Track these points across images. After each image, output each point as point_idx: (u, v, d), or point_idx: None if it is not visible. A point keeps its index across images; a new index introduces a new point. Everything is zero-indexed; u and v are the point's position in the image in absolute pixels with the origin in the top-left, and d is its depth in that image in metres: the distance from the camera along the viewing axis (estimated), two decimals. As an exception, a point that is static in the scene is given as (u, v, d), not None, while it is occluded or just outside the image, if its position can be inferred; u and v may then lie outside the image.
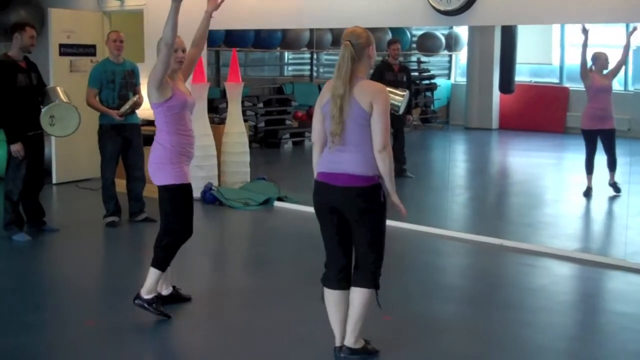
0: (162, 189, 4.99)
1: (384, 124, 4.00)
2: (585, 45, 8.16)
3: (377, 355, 4.37)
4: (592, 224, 8.36)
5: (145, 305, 4.95)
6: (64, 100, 6.90)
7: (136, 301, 4.98)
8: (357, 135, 4.04)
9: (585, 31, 7.97)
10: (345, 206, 4.11)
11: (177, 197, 4.98)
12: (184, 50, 5.01)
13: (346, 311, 4.25)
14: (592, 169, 8.43)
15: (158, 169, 4.95)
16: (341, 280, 4.24)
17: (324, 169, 4.16)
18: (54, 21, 9.55)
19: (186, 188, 5.00)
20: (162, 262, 4.98)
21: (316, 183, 4.22)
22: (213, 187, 8.63)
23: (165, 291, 5.26)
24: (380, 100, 4.01)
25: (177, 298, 5.30)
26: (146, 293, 4.96)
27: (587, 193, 8.52)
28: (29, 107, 6.81)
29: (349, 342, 4.25)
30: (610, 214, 8.77)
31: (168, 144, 4.91)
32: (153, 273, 4.97)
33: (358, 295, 4.19)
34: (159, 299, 5.01)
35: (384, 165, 4.03)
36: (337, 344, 4.30)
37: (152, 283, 4.98)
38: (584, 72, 8.33)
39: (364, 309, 4.20)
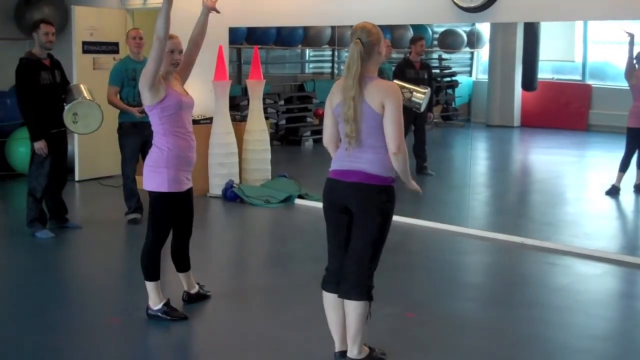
0: (154, 195, 4.81)
1: (397, 124, 3.87)
2: (632, 44, 8.17)
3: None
4: (614, 223, 8.29)
5: (159, 315, 4.93)
6: (87, 98, 6.95)
7: (149, 312, 4.96)
8: (372, 137, 3.94)
9: (631, 35, 8.00)
10: (354, 203, 3.99)
11: (169, 204, 4.83)
12: (180, 52, 4.84)
13: (344, 315, 4.13)
14: (627, 168, 8.36)
15: (152, 173, 4.77)
16: (340, 283, 4.10)
17: (338, 167, 4.07)
18: (77, 19, 9.61)
19: (179, 197, 4.85)
20: (149, 273, 4.91)
21: (328, 180, 4.11)
22: (234, 185, 8.65)
23: (194, 290, 5.26)
24: (391, 100, 3.87)
25: (203, 296, 5.32)
26: (153, 305, 4.95)
27: (611, 191, 8.45)
28: (52, 104, 6.86)
29: (353, 353, 4.12)
30: (633, 212, 8.71)
31: (165, 146, 4.74)
32: (148, 285, 4.93)
33: (352, 309, 4.04)
34: (169, 305, 4.96)
35: (399, 165, 3.94)
36: (337, 348, 4.20)
37: (153, 294, 4.94)
38: (629, 72, 8.33)
39: (362, 320, 4.05)
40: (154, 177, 4.78)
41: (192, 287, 5.27)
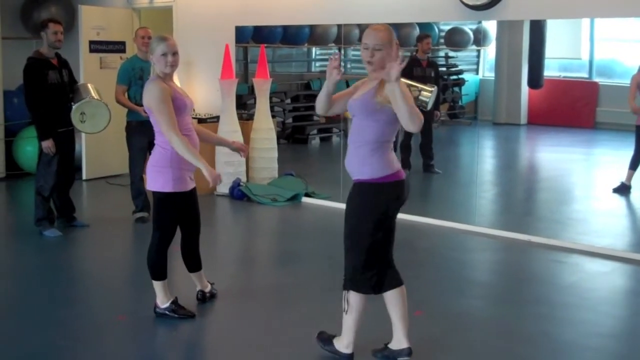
0: (159, 195, 4.79)
1: None
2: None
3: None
4: (622, 221, 8.27)
5: (166, 313, 4.95)
6: (95, 97, 6.97)
7: (156, 310, 4.98)
8: None
9: None
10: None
11: (174, 205, 4.83)
12: (174, 54, 4.76)
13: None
14: (637, 166, 8.31)
15: (158, 173, 4.75)
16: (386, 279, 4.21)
17: (399, 166, 4.16)
18: (84, 18, 9.64)
19: (183, 196, 4.84)
20: (156, 273, 4.92)
21: (402, 181, 4.12)
22: (241, 183, 8.66)
23: (208, 289, 5.26)
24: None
25: (214, 295, 5.32)
26: (161, 303, 4.96)
27: (620, 189, 8.42)
28: (60, 103, 6.88)
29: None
30: (640, 210, 8.70)
31: (169, 145, 4.68)
32: (155, 284, 4.94)
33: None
34: (176, 303, 4.98)
35: None
36: (405, 344, 4.24)
37: (161, 293, 4.95)
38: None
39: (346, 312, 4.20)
40: (157, 177, 4.77)
41: (206, 286, 5.27)
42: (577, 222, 7.94)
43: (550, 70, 11.22)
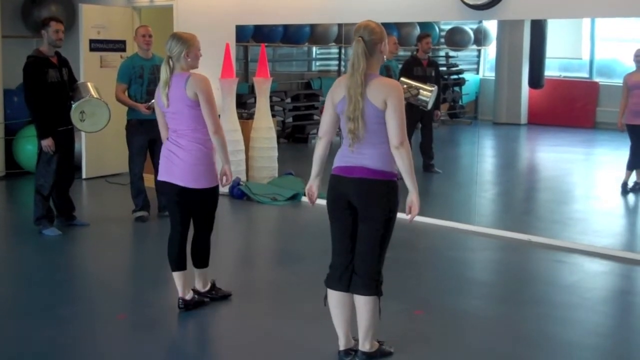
0: (212, 190, 4.98)
1: (399, 120, 3.88)
2: None
3: (392, 356, 4.32)
4: (622, 220, 8.28)
5: (204, 300, 5.15)
6: (95, 96, 6.96)
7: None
8: (374, 134, 3.95)
9: None
10: (358, 199, 4.01)
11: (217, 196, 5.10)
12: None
13: (350, 313, 4.18)
14: (633, 165, 8.32)
15: (204, 171, 4.88)
16: (345, 281, 4.12)
17: (341, 163, 4.08)
18: (85, 17, 9.64)
19: None
20: (207, 260, 5.18)
21: (332, 177, 4.13)
22: (241, 182, 8.66)
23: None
24: (394, 96, 3.89)
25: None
26: (202, 287, 5.20)
27: (624, 189, 8.41)
28: (59, 102, 6.87)
29: (365, 347, 4.17)
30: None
31: (210, 144, 4.90)
32: (202, 272, 5.17)
33: (363, 303, 4.09)
34: (200, 293, 5.16)
35: (402, 162, 3.91)
36: (342, 347, 4.23)
37: (204, 280, 5.20)
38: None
39: (373, 315, 4.09)
40: (206, 175, 4.90)
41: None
42: (577, 222, 7.94)
43: (551, 70, 11.22)
